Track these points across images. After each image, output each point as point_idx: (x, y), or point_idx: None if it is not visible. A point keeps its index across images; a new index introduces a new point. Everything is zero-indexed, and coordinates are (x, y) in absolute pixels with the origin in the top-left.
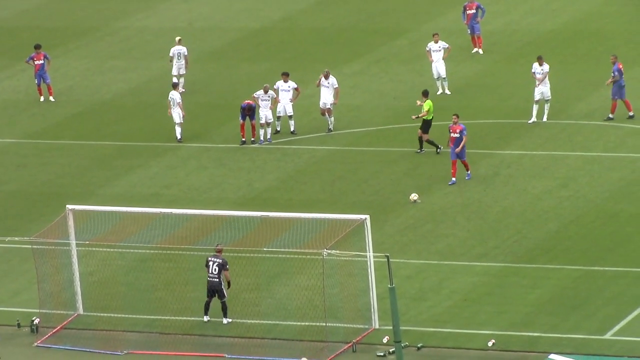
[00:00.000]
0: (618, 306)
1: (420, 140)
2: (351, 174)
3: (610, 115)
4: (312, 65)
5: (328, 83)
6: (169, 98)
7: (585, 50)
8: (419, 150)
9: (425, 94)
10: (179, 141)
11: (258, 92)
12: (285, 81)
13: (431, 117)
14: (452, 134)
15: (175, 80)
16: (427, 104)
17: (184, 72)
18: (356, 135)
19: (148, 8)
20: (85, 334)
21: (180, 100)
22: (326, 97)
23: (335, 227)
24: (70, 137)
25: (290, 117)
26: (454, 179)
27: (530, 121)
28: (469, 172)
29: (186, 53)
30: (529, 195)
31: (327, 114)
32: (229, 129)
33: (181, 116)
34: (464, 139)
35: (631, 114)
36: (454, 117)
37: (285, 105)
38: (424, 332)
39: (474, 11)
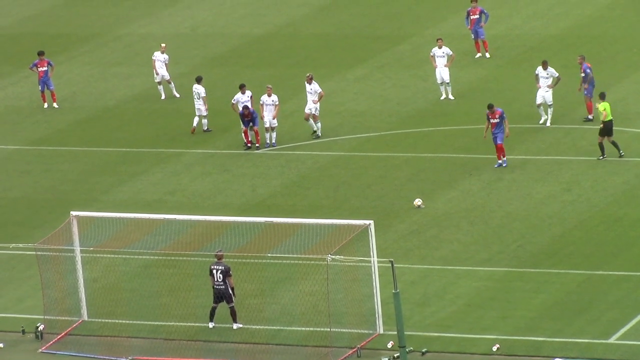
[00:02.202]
0: (622, 310)
1: (601, 146)
2: (355, 179)
3: (590, 116)
4: (315, 71)
5: (311, 89)
6: (194, 92)
7: (588, 55)
8: (600, 157)
9: (602, 97)
10: (206, 131)
11: (263, 98)
12: (243, 92)
13: (609, 119)
14: (492, 120)
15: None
16: (603, 105)
17: (168, 78)
18: (360, 141)
19: (151, 14)
20: (90, 340)
21: (205, 95)
22: (311, 103)
23: (339, 232)
24: (74, 143)
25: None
26: (499, 161)
27: (541, 121)
28: (505, 159)
29: (167, 61)
30: (533, 200)
31: (312, 119)
32: (232, 135)
33: (203, 109)
34: (506, 121)
35: (590, 116)
36: (489, 108)
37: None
38: (428, 337)
39: (477, 16)
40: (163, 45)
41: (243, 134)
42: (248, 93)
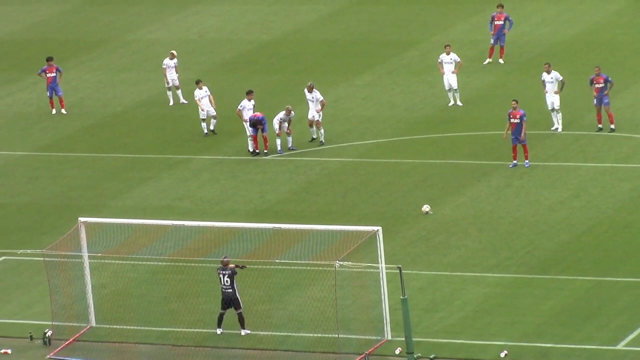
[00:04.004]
0: (630, 316)
1: None
2: (363, 185)
3: (612, 126)
4: (323, 77)
5: (312, 97)
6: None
7: (596, 61)
8: None
9: None
10: (206, 134)
11: (281, 116)
12: (249, 99)
13: None
14: (512, 120)
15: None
16: None
17: (177, 84)
18: (368, 147)
19: (159, 20)
20: (98, 346)
21: (199, 97)
22: (313, 111)
23: (347, 238)
24: (82, 149)
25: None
26: (515, 161)
27: (552, 128)
28: (527, 160)
29: (176, 64)
30: (541, 206)
31: (315, 126)
32: (240, 141)
33: (203, 112)
34: (524, 124)
35: (601, 126)
36: (513, 102)
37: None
38: (437, 343)
39: (501, 22)
40: (173, 52)
41: (252, 140)
42: (253, 101)
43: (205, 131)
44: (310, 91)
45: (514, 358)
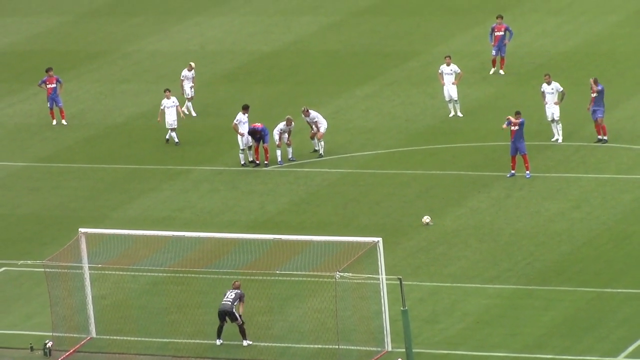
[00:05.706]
0: (631, 328)
1: None
2: (363, 196)
3: (605, 137)
4: (324, 88)
5: (310, 119)
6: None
7: (597, 72)
8: None
9: None
10: (168, 141)
11: (282, 127)
12: (244, 113)
13: None
14: (512, 127)
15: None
16: None
17: (189, 96)
18: (368, 158)
19: (160, 31)
20: (98, 357)
21: (166, 107)
22: (315, 128)
23: (347, 249)
24: (82, 160)
25: (250, 147)
26: (512, 171)
27: (553, 139)
28: (528, 171)
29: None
30: (542, 217)
31: (316, 138)
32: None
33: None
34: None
35: (600, 137)
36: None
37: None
38: (437, 354)
39: (502, 33)
40: (192, 64)
41: (254, 150)
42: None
43: (167, 137)
44: (306, 115)
45: None
